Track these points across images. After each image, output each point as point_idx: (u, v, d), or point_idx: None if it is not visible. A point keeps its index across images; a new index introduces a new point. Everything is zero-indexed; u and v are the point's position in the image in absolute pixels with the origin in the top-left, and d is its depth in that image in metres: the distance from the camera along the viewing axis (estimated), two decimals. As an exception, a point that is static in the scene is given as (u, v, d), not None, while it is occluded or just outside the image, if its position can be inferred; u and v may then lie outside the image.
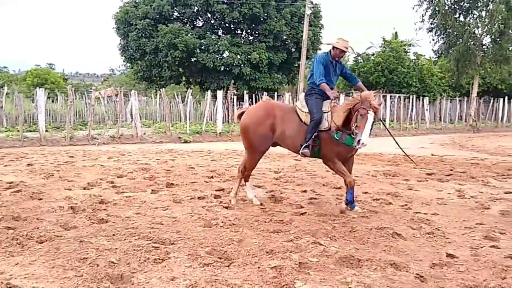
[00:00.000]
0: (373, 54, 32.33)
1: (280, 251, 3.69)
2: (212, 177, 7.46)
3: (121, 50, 28.02)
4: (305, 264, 3.42)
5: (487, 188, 6.96)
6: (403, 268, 3.42)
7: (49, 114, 19.81)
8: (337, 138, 5.00)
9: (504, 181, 7.69)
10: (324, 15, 32.68)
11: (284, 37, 26.72)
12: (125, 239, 3.93)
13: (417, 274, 3.30)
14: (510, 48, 26.02)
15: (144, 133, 15.64)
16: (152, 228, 4.31)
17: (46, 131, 14.56)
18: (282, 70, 28.26)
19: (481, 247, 4.01)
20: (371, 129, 4.83)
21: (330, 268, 3.37)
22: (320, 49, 29.97)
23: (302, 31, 23.10)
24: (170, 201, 5.58)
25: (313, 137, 5.11)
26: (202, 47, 25.69)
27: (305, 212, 5.08)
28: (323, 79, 5.25)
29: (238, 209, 5.24)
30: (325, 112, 5.18)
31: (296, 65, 27.87)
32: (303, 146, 5.13)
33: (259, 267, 3.34)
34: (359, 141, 4.71)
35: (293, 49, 27.35)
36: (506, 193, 6.56)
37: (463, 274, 3.35)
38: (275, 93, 22.24)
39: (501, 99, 28.07)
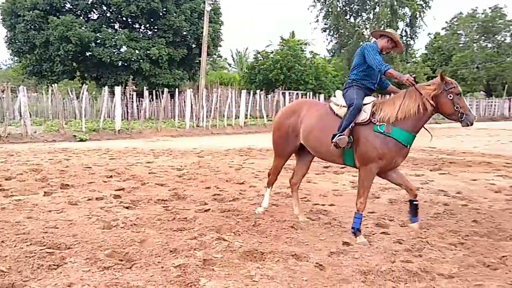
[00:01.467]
0: (272, 52, 33.22)
1: (184, 250, 3.64)
2: (111, 176, 7.16)
3: (8, 43, 25.83)
4: (209, 261, 3.41)
5: (377, 179, 7.47)
6: (303, 258, 3.56)
7: None
8: (381, 131, 4.12)
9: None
10: (224, 13, 32.84)
11: (184, 33, 26.45)
12: (15, 246, 3.62)
13: (316, 263, 3.46)
14: (395, 48, 28.26)
15: (35, 132, 14.57)
16: (46, 232, 4.03)
17: None
18: (183, 66, 27.96)
19: (373, 234, 4.31)
20: None
21: (234, 263, 3.40)
22: (220, 45, 30.14)
23: (202, 27, 23.02)
24: (65, 203, 5.25)
25: (350, 127, 4.20)
26: (98, 41, 24.53)
27: (209, 209, 5.08)
28: (389, 65, 4.44)
29: (140, 208, 5.09)
30: (365, 104, 4.33)
31: (197, 61, 27.75)
32: (337, 134, 4.17)
33: (162, 267, 3.27)
34: (470, 120, 4.04)
35: (193, 45, 27.18)
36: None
37: (358, 260, 3.57)
38: (176, 90, 21.94)
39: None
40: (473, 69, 44.81)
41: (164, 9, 25.52)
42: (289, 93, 24.87)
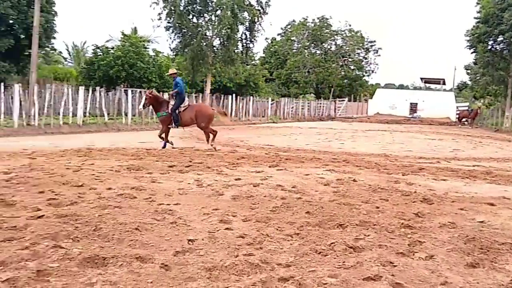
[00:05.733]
0: (112, 48, 31.83)
1: (13, 261, 3.28)
2: None
3: None
4: (44, 272, 3.14)
5: (221, 176, 7.71)
6: (148, 260, 3.49)
7: None
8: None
9: (234, 169, 8.66)
10: (58, 3, 30.41)
11: (11, 22, 23.76)
12: None
13: (161, 264, 3.42)
14: (236, 50, 29.38)
15: None
16: None
17: None
18: (9, 58, 25.09)
19: (218, 230, 4.43)
20: None
21: (73, 271, 3.19)
22: (54, 37, 27.87)
23: (33, 16, 20.98)
24: None
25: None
26: None
27: (43, 215, 4.65)
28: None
29: (-43, 219, 4.43)
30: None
31: (27, 53, 25.14)
32: None
33: (-13, 284, 2.91)
34: None
35: (22, 36, 24.55)
36: (236, 179, 7.39)
37: (203, 257, 3.64)
38: (1, 84, 19.61)
39: (230, 96, 31.44)
40: (304, 73, 49.01)
41: (-14, -7, 22.65)
42: (132, 91, 24.09)
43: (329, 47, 51.46)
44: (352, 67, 52.50)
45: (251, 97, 35.05)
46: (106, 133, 18.12)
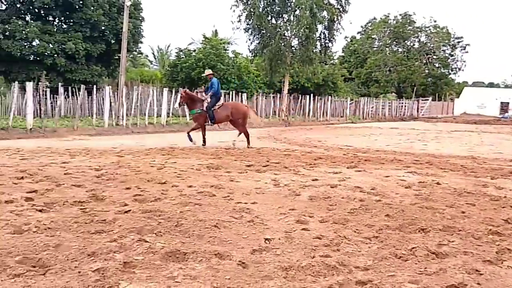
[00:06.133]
0: (194, 50, 32.95)
1: (103, 253, 3.51)
2: (22, 178, 6.70)
3: None
4: (130, 263, 3.32)
5: (297, 177, 7.70)
6: (226, 257, 3.57)
7: None
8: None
9: (311, 169, 8.60)
10: (145, 9, 32.01)
11: (103, 28, 25.45)
12: None
13: (239, 261, 3.48)
14: (314, 50, 29.19)
15: None
16: None
17: None
18: (101, 62, 26.89)
19: (294, 231, 4.42)
20: None
21: (156, 265, 3.34)
22: (141, 42, 29.42)
23: (122, 22, 22.30)
24: (-30, 207, 4.85)
25: None
26: (7, 33, 22.87)
27: (130, 210, 4.93)
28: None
29: (55, 211, 4.83)
30: None
31: (117, 57, 26.82)
32: None
33: (79, 272, 3.12)
34: None
35: (112, 41, 26.22)
36: (313, 180, 7.34)
37: (280, 257, 3.65)
38: (94, 87, 21.05)
39: (308, 96, 31.30)
40: (385, 71, 47.56)
41: (81, 2, 24.38)
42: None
43: (412, 44, 49.53)
44: (436, 65, 50.09)
45: (329, 97, 34.68)
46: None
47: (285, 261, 3.55)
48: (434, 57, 48.59)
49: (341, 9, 28.77)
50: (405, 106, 43.00)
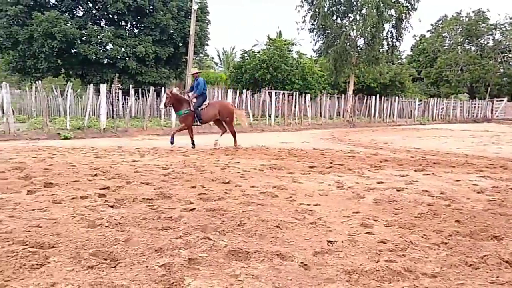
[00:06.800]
0: (258, 52, 33.23)
1: (169, 249, 3.63)
2: (95, 175, 7.09)
3: (-11, 39, 25.35)
4: (194, 260, 3.41)
5: (362, 179, 7.54)
6: (288, 257, 3.57)
7: None
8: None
9: (376, 172, 8.40)
10: (211, 12, 32.72)
11: (171, 31, 26.30)
12: (-4, 246, 3.58)
13: (301, 262, 3.47)
14: (381, 50, 28.48)
15: (18, 129, 14.37)
16: (29, 231, 3.98)
17: None
18: (169, 65, 27.81)
19: (358, 234, 4.34)
20: None
21: (219, 262, 3.40)
22: (207, 44, 30.12)
23: (189, 26, 22.95)
24: (49, 201, 5.19)
25: None
26: (83, 38, 24.24)
27: (195, 208, 5.06)
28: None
29: (125, 207, 5.06)
30: None
31: (184, 60, 27.63)
32: None
33: (147, 266, 3.26)
34: None
35: (180, 44, 27.04)
36: (378, 183, 7.17)
37: (342, 260, 3.59)
38: (162, 88, 21.81)
39: (374, 97, 30.58)
40: (457, 71, 45.39)
41: (151, 7, 25.35)
42: (275, 92, 24.91)
43: (486, 42, 46.87)
44: (513, 64, 47.08)
45: (397, 97, 33.67)
46: (251, 134, 18.99)
47: (348, 264, 3.49)
48: (510, 55, 45.70)
49: (409, 6, 27.85)
50: (478, 107, 40.86)
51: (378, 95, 31.14)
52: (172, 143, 12.06)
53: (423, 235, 4.34)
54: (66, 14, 25.05)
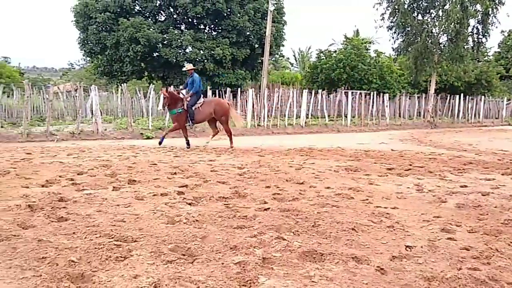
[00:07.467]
0: (335, 51, 32.78)
1: (243, 247, 3.69)
2: (175, 173, 7.39)
3: (81, 44, 27.32)
4: (268, 259, 3.44)
5: (444, 182, 7.20)
6: (364, 261, 3.49)
7: (5, 110, 19.13)
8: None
9: (460, 175, 7.97)
10: (287, 12, 32.80)
11: (248, 33, 26.74)
12: (85, 238, 3.84)
13: (377, 266, 3.38)
14: (465, 47, 26.95)
15: (105, 129, 15.32)
16: (114, 225, 4.23)
17: (1, 127, 14.04)
18: (245, 66, 28.29)
19: (438, 239, 4.14)
20: None
21: (293, 263, 3.40)
22: (283, 45, 30.27)
23: (265, 27, 23.18)
24: (132, 198, 5.49)
25: None
26: (165, 42, 25.38)
27: (269, 208, 5.10)
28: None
29: (202, 205, 5.22)
30: None
31: (260, 61, 27.98)
32: None
33: (223, 263, 3.33)
34: None
35: (256, 45, 27.42)
36: (461, 186, 6.80)
37: (422, 266, 3.45)
38: (239, 89, 22.24)
39: (457, 96, 29.04)
40: (551, 68, 41.82)
41: (229, 10, 25.94)
42: (352, 92, 24.42)
43: None
44: None
45: (483, 96, 31.72)
46: (326, 134, 18.79)
47: (428, 270, 3.34)
48: None
49: (496, 1, 26.08)
50: None
51: (462, 94, 29.52)
52: (160, 143, 11.94)
53: (510, 242, 4.06)
54: (149, 19, 26.34)
